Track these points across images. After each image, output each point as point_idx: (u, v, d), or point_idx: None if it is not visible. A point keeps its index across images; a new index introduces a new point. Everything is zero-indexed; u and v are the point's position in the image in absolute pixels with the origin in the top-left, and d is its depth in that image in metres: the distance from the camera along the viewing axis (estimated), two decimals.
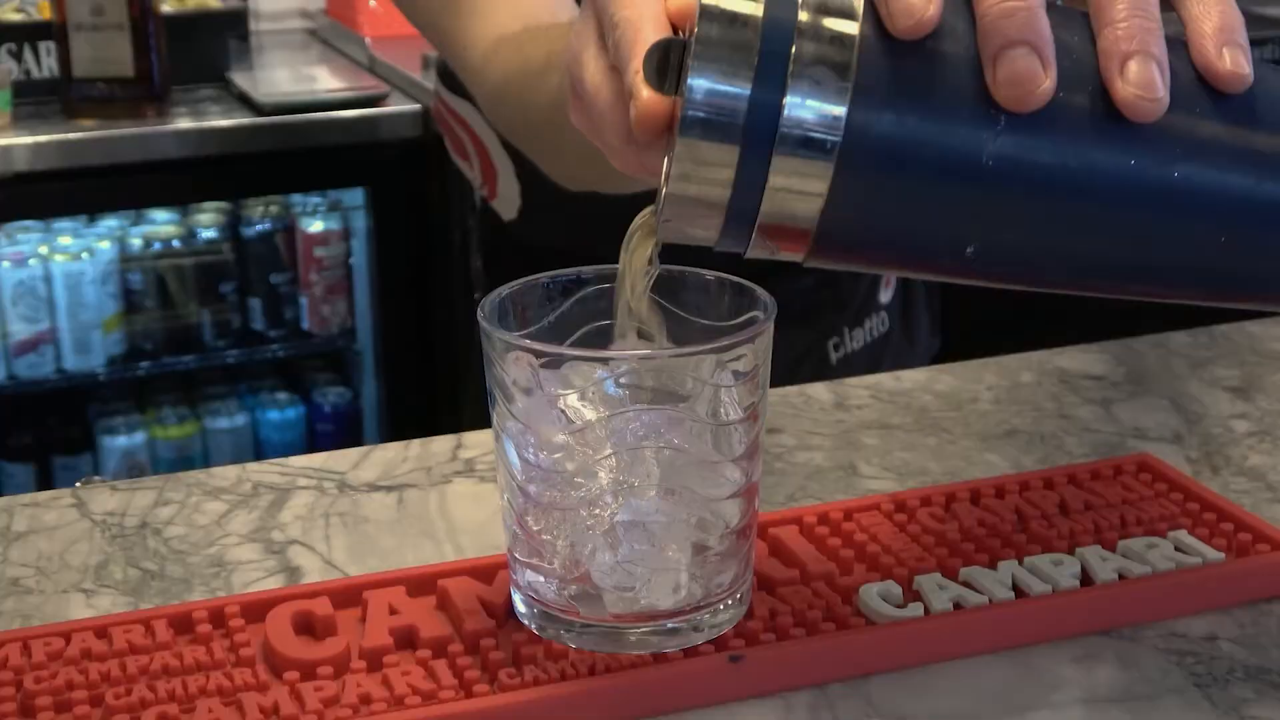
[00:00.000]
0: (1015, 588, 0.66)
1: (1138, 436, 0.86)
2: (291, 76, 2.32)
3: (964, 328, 1.61)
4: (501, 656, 0.61)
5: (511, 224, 1.14)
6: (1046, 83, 0.50)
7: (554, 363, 0.59)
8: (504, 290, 0.62)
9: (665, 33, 0.55)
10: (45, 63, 2.15)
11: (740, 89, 0.51)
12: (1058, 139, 0.51)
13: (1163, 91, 0.50)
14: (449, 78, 1.18)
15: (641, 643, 0.61)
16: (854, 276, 1.16)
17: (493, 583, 0.65)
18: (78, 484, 0.81)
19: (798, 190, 0.51)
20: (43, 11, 2.23)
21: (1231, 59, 0.52)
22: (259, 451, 2.36)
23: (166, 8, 2.22)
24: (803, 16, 0.51)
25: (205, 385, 2.40)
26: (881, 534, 0.70)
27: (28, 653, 0.62)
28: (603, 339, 0.63)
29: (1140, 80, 0.50)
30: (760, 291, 0.61)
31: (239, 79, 2.21)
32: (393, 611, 0.64)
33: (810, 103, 0.50)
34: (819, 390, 0.93)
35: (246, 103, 2.13)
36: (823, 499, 0.79)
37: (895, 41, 0.50)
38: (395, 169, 2.15)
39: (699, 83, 0.51)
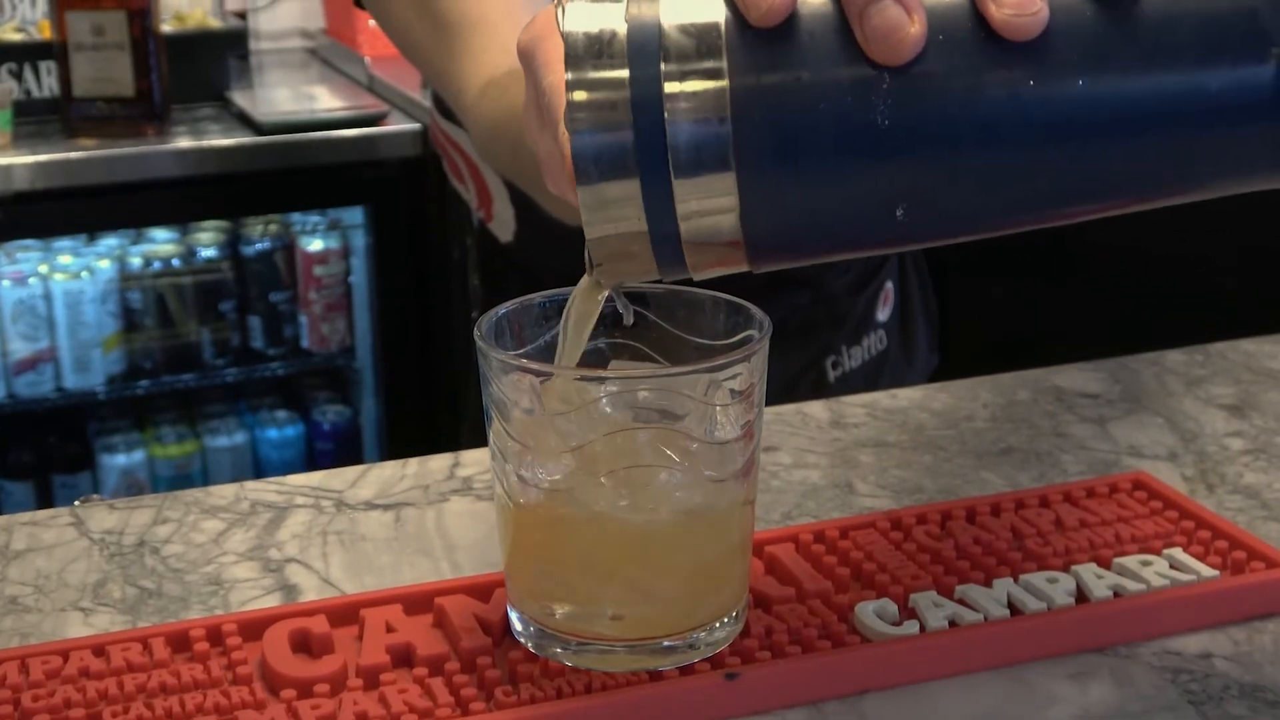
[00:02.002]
0: (1010, 605, 0.67)
1: (1133, 454, 0.87)
2: (291, 96, 2.32)
3: (961, 345, 1.61)
4: (498, 674, 0.61)
5: (508, 246, 1.15)
6: (915, 28, 0.49)
7: (551, 381, 0.59)
8: (501, 309, 0.62)
9: None
10: (46, 82, 2.16)
11: (620, 122, 0.50)
12: (947, 81, 0.50)
13: (1039, 4, 0.49)
14: (443, 104, 1.18)
15: (637, 661, 0.61)
16: (851, 294, 1.16)
17: (489, 601, 0.66)
18: (76, 503, 0.82)
19: (710, 209, 0.51)
20: (43, 31, 2.24)
21: None
22: (258, 470, 2.36)
23: (166, 27, 2.22)
24: (667, 33, 0.50)
25: (205, 404, 2.40)
26: (877, 552, 0.70)
27: (25, 671, 0.62)
28: (599, 358, 0.63)
29: None
30: (755, 310, 0.62)
31: (239, 98, 2.22)
32: (389, 629, 0.64)
33: (691, 118, 0.50)
34: (815, 408, 0.93)
35: (246, 122, 2.14)
36: (819, 517, 0.79)
37: (760, 32, 0.50)
38: (394, 188, 2.16)
39: (580, 131, 0.50)
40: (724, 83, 0.50)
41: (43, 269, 2.19)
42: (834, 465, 0.85)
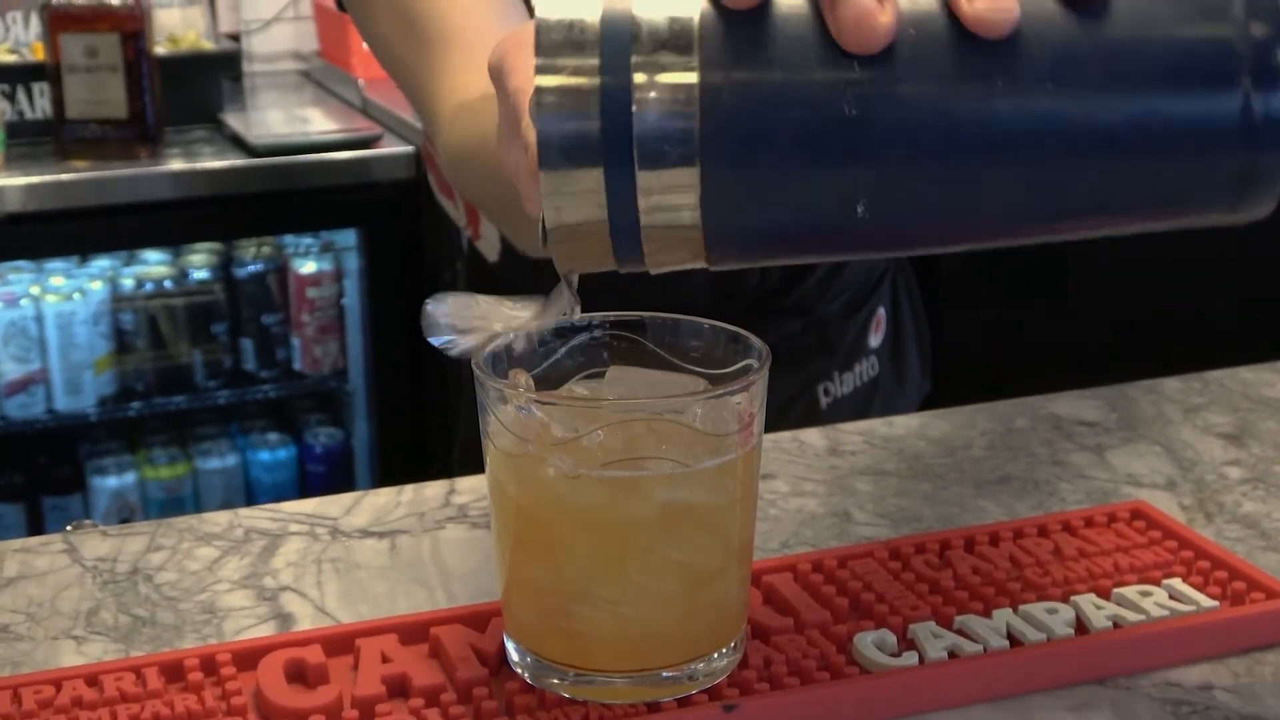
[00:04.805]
0: (1010, 636, 0.66)
1: (1131, 483, 0.86)
2: (284, 118, 2.32)
3: (953, 371, 1.61)
4: (494, 706, 0.61)
5: (495, 266, 1.14)
6: (886, 17, 0.50)
7: (548, 410, 0.59)
8: (498, 339, 0.62)
9: None
10: (39, 104, 2.16)
11: (587, 109, 0.50)
12: (915, 73, 0.50)
13: (1011, 2, 0.49)
14: None
15: (635, 692, 0.60)
16: (843, 321, 1.16)
17: (485, 630, 0.65)
18: (68, 527, 0.81)
19: (672, 202, 0.51)
20: (36, 53, 2.23)
21: None
22: (250, 492, 2.35)
23: (160, 49, 2.22)
24: (640, 23, 0.50)
25: (196, 426, 2.39)
26: (876, 582, 0.70)
27: (18, 701, 0.61)
28: (597, 374, 0.63)
29: None
30: (754, 339, 0.62)
31: (232, 120, 2.21)
32: (385, 659, 0.64)
33: (659, 110, 0.50)
34: (812, 436, 0.93)
35: (239, 144, 2.14)
36: (816, 546, 0.78)
37: (733, 24, 0.50)
38: (387, 210, 2.16)
39: (546, 115, 0.51)
40: (694, 76, 0.50)
41: (34, 290, 2.19)
42: (831, 493, 0.85)
